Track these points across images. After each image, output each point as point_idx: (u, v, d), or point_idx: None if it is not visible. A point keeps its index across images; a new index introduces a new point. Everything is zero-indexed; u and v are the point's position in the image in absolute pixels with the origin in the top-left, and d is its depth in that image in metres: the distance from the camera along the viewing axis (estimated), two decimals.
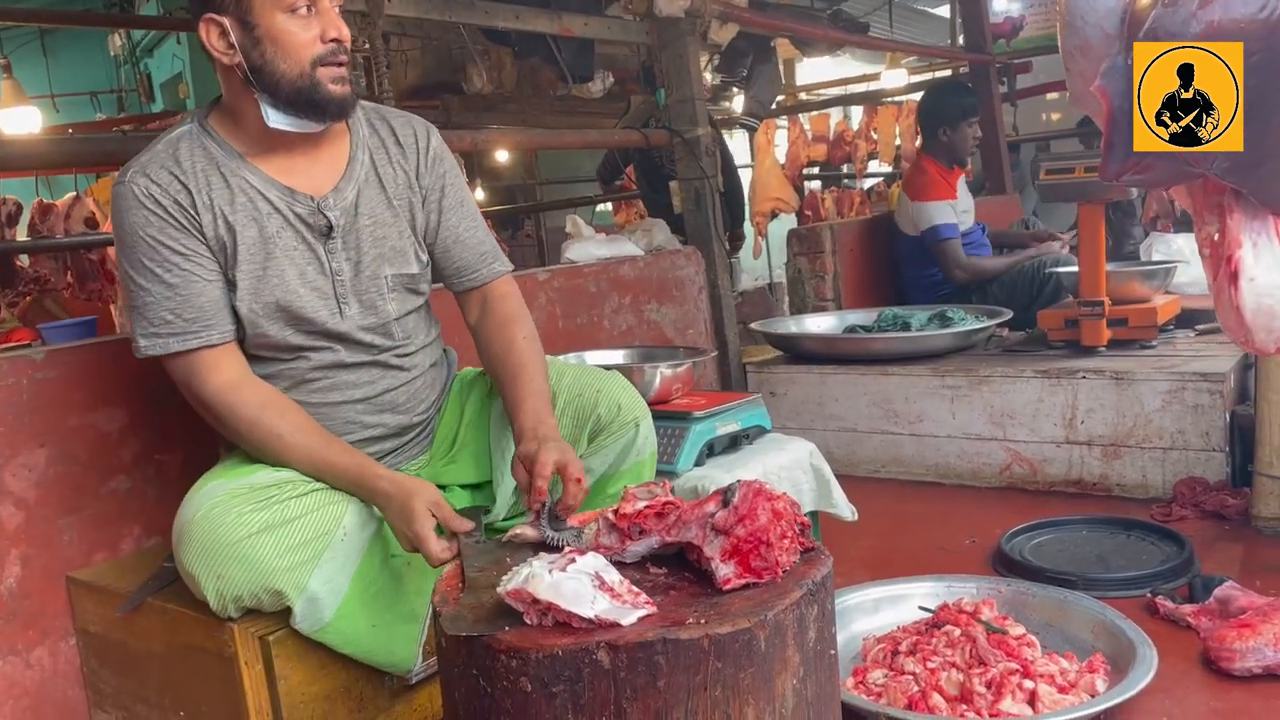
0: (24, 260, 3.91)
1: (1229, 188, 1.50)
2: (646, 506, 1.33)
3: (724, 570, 1.22)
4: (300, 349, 1.74)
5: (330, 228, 1.72)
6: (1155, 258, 4.29)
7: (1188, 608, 2.10)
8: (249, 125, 1.69)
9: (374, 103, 1.92)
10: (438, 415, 1.96)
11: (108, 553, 2.02)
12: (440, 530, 1.56)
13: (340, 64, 1.65)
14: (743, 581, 1.22)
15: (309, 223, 1.71)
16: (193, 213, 1.65)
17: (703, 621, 1.12)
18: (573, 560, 1.20)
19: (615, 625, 1.12)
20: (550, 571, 1.15)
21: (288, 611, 1.60)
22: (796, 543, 1.28)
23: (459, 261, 1.89)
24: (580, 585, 1.15)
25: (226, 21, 1.60)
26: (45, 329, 3.98)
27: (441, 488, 1.88)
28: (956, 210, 4.33)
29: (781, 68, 7.10)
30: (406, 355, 1.84)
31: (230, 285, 1.68)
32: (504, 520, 1.91)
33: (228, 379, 1.67)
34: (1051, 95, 7.36)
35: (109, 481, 2.02)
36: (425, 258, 1.86)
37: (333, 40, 1.63)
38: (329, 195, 1.73)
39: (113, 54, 9.56)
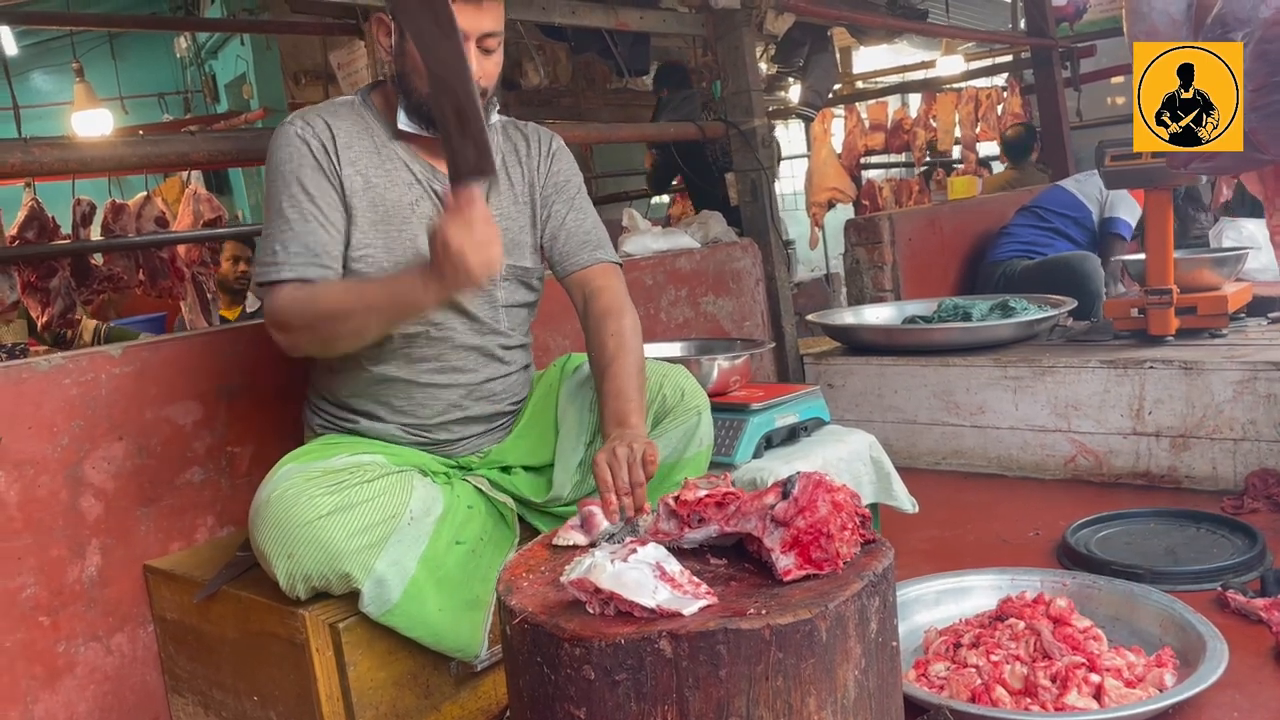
0: (98, 259, 4.02)
1: None
2: (707, 495, 1.34)
3: (784, 562, 1.23)
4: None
5: None
6: (1225, 244, 4.18)
7: (1260, 602, 2.05)
8: (398, 113, 1.84)
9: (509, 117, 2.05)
10: (523, 406, 2.06)
11: (183, 542, 2.08)
12: None
13: None
14: (803, 573, 1.22)
15: (444, 200, 1.83)
16: (336, 160, 1.78)
17: (764, 612, 1.13)
18: (634, 551, 1.21)
19: (677, 615, 1.13)
20: (612, 562, 1.17)
21: (356, 598, 1.64)
22: (857, 534, 1.28)
23: (564, 246, 1.99)
24: (642, 575, 1.16)
25: (391, 25, 1.79)
26: (116, 326, 4.11)
27: (506, 469, 1.94)
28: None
29: (838, 57, 7.02)
30: (508, 349, 1.95)
31: (355, 241, 1.77)
32: (564, 504, 1.94)
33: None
34: (1116, 79, 7.19)
35: (184, 473, 2.09)
36: (541, 257, 2.00)
37: None
38: None
39: (178, 56, 9.75)
